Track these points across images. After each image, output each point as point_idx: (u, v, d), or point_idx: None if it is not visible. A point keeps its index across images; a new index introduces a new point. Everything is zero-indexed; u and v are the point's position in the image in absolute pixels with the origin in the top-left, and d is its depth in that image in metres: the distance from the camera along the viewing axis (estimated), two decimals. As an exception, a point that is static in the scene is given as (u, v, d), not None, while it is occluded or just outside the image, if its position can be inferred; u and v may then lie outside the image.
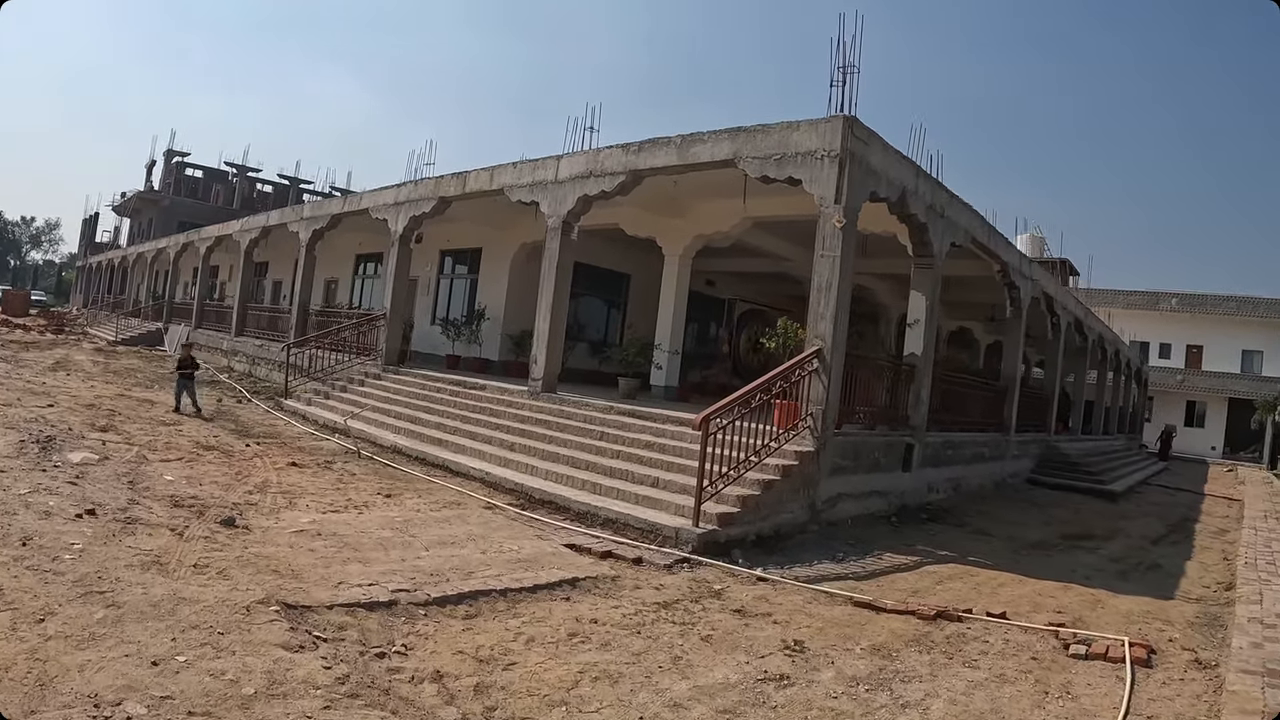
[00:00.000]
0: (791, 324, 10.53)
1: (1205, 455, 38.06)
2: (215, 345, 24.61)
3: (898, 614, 6.34)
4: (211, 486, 8.01)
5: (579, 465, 9.92)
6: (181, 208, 51.64)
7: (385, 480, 9.63)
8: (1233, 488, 24.39)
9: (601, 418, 11.36)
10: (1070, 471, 18.79)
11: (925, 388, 12.19)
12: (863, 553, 8.82)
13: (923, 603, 6.65)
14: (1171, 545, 12.18)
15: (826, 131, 9.81)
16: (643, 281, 21.39)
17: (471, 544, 6.99)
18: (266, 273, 31.19)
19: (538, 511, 8.83)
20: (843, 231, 9.63)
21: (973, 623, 6.29)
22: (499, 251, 19.31)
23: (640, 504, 8.60)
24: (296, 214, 21.63)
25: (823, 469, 9.66)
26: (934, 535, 10.63)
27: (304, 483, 8.79)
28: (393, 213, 16.66)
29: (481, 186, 14.56)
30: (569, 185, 12.80)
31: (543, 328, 13.17)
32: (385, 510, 7.96)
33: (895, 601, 6.63)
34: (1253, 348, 43.39)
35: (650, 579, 6.85)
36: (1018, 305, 16.51)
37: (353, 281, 25.47)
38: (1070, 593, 7.85)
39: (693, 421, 10.10)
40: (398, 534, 6.97)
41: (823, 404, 9.54)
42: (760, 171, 10.36)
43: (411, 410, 13.37)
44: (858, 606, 6.53)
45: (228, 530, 6.49)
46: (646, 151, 11.66)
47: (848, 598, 6.74)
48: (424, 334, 19.98)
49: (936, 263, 12.18)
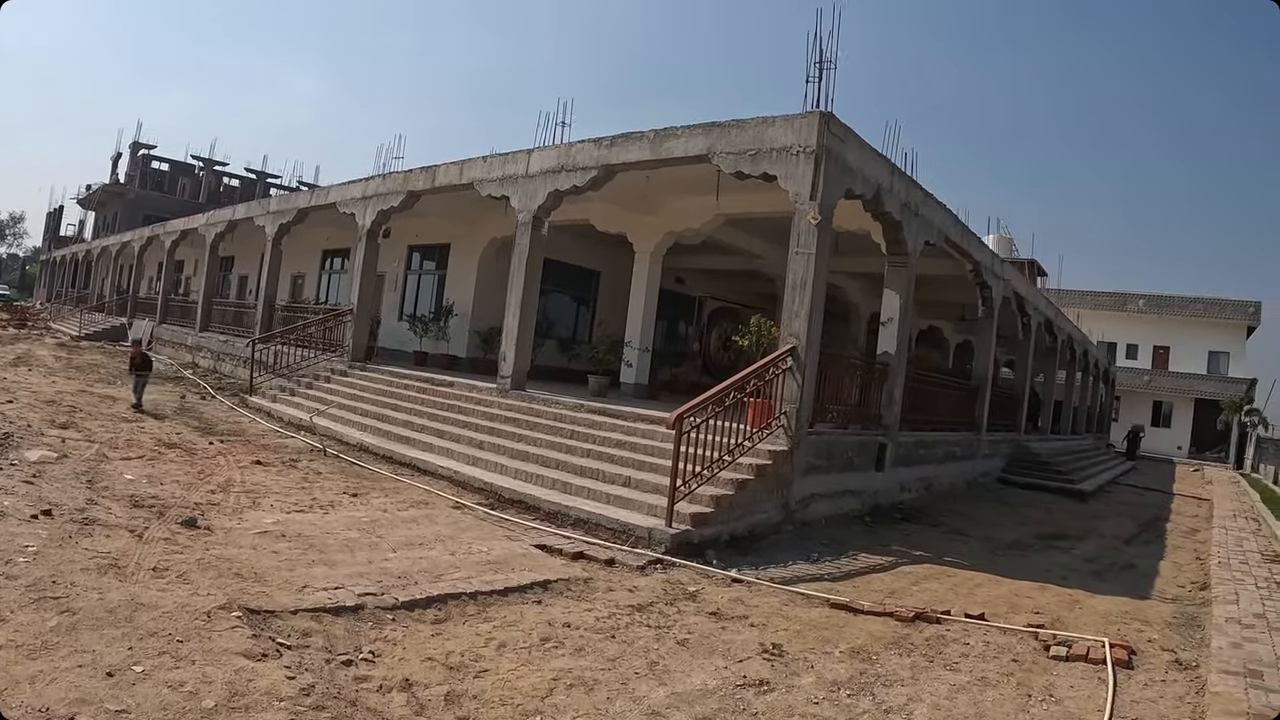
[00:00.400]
0: (765, 322, 10.41)
1: (1172, 455, 38.52)
2: (180, 341, 24.17)
3: (875, 615, 6.25)
4: (173, 486, 7.74)
5: (549, 464, 9.75)
6: (147, 201, 50.49)
7: (352, 479, 9.39)
8: (1201, 487, 24.69)
9: (572, 415, 11.18)
10: (1041, 471, 18.88)
11: (898, 387, 12.14)
12: (838, 553, 8.75)
13: (900, 604, 6.58)
14: (1144, 545, 12.25)
15: (802, 127, 9.70)
16: (612, 278, 21.22)
17: (440, 545, 6.79)
18: (232, 267, 30.68)
19: (507, 511, 8.64)
20: (818, 228, 9.53)
21: (952, 624, 6.22)
22: (467, 247, 19.07)
23: (612, 504, 8.44)
24: (263, 208, 21.23)
25: (796, 468, 9.55)
26: (909, 535, 10.58)
27: (268, 482, 8.53)
28: (360, 207, 16.36)
29: (451, 180, 14.32)
30: (540, 180, 12.60)
31: (512, 324, 12.97)
32: (351, 510, 7.73)
33: (872, 603, 6.54)
34: (1219, 349, 44.08)
35: (623, 581, 6.70)
36: (989, 305, 16.54)
37: (319, 277, 25.07)
38: (1047, 593, 7.81)
39: (665, 420, 10.00)
40: (364, 535, 6.76)
41: (797, 403, 9.44)
42: (734, 167, 10.23)
43: (378, 407, 13.11)
44: (835, 608, 6.43)
45: (189, 531, 6.24)
46: (619, 146, 11.50)
47: (824, 599, 6.64)
48: (391, 330, 19.68)
49: (910, 261, 12.13)
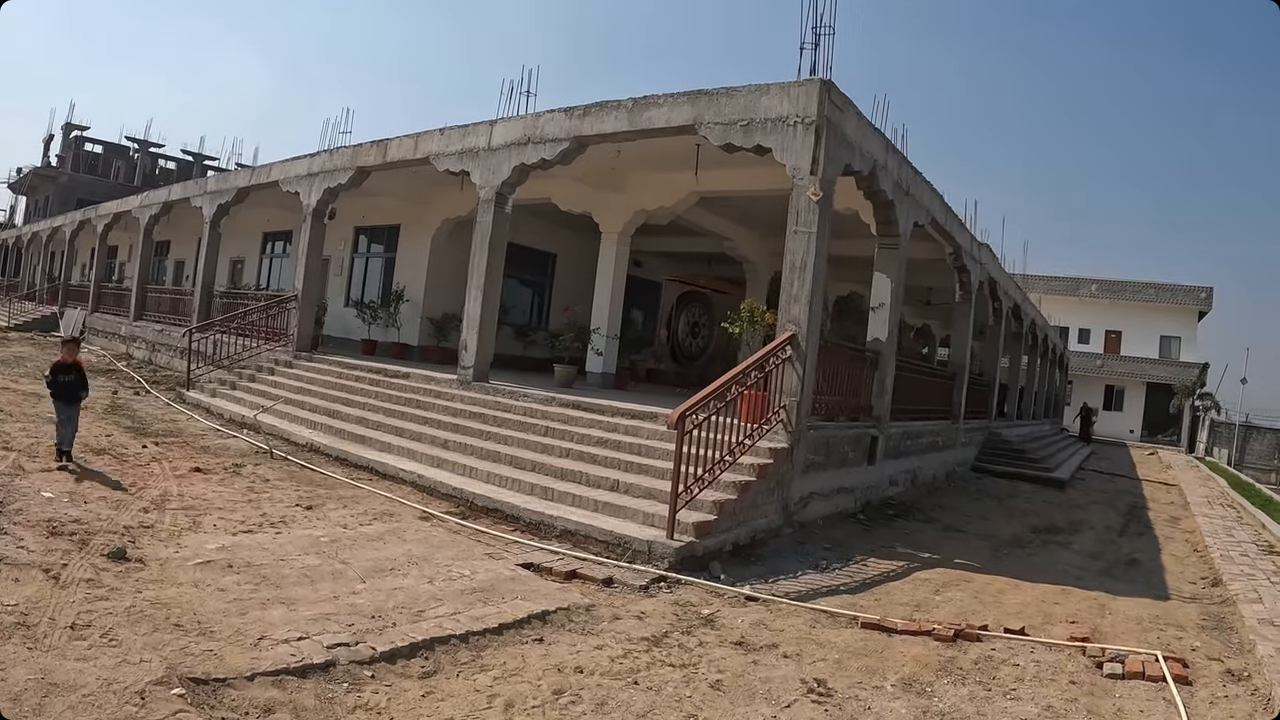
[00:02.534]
0: (758, 307, 9.60)
1: (1124, 438, 39.00)
2: (113, 330, 22.75)
3: (912, 635, 5.69)
4: (99, 504, 6.60)
5: (524, 466, 8.81)
6: (80, 184, 48.45)
7: (304, 487, 8.34)
8: (1162, 472, 24.75)
9: (543, 410, 10.26)
10: (1015, 459, 18.52)
11: (889, 376, 11.46)
12: (844, 559, 8.13)
13: (932, 620, 6.03)
14: (1136, 536, 12.11)
15: (800, 96, 8.90)
16: (570, 261, 20.31)
17: (414, 569, 5.84)
18: (168, 252, 29.03)
19: (481, 521, 7.71)
20: (818, 205, 8.76)
21: (993, 641, 5.71)
22: (419, 228, 17.90)
23: (601, 511, 7.56)
24: (200, 188, 19.73)
25: (796, 467, 8.80)
26: (908, 534, 10.05)
27: (210, 494, 7.45)
28: (305, 185, 15.11)
29: (405, 155, 13.20)
30: (504, 153, 11.60)
31: (474, 310, 11.96)
32: (307, 527, 6.71)
33: (904, 620, 5.96)
34: (1171, 333, 44.67)
35: (628, 605, 5.86)
36: (967, 290, 16.02)
37: (260, 261, 23.58)
38: (1072, 597, 7.38)
39: (653, 416, 9.20)
40: (325, 560, 5.76)
41: (797, 395, 8.67)
42: (724, 139, 9.39)
43: (329, 403, 12.01)
44: (867, 629, 5.78)
45: (117, 566, 5.15)
46: (593, 116, 10.55)
47: (852, 618, 5.99)
48: (337, 317, 18.45)
49: (902, 243, 11.44)
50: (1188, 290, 45.25)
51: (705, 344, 23.18)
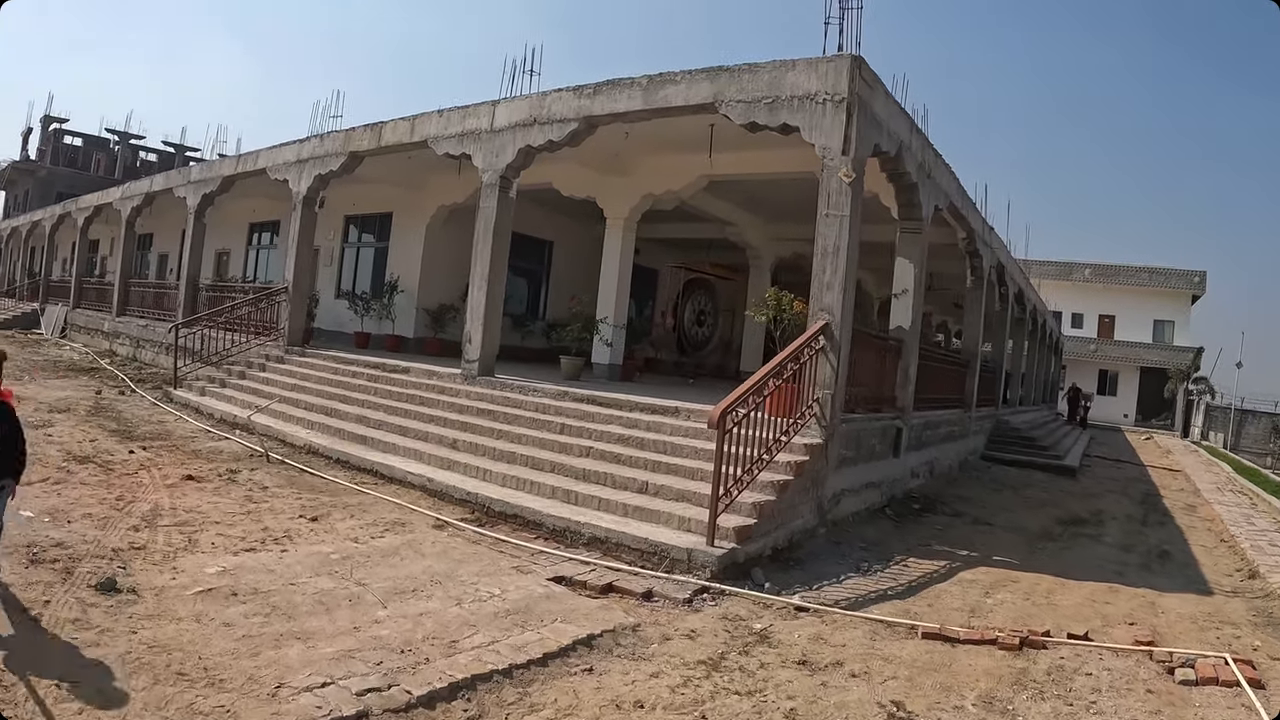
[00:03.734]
0: (785, 294, 9.10)
1: (1118, 423, 38.83)
2: (95, 327, 22.06)
3: (975, 644, 5.36)
4: (84, 523, 5.98)
5: (541, 467, 8.27)
6: (60, 178, 47.17)
7: (306, 494, 7.76)
8: (1164, 457, 24.55)
9: (556, 406, 9.71)
10: (1024, 447, 18.15)
11: (913, 365, 11.00)
12: (884, 559, 7.73)
13: (991, 626, 5.73)
14: (1159, 526, 11.80)
15: (829, 72, 8.39)
16: (567, 249, 19.77)
17: (438, 589, 5.30)
18: (151, 245, 28.19)
19: (500, 529, 7.18)
20: (851, 188, 8.26)
21: (1059, 648, 5.41)
22: (412, 216, 17.25)
23: (631, 516, 7.04)
24: (183, 177, 18.96)
25: (830, 463, 8.32)
26: (939, 530, 9.64)
27: (205, 505, 6.85)
28: (295, 172, 14.44)
29: (400, 139, 12.56)
30: (508, 134, 11.00)
31: (478, 301, 11.37)
32: (315, 542, 6.13)
33: (964, 628, 5.63)
34: (1164, 317, 44.58)
35: (675, 622, 5.38)
36: (979, 275, 15.59)
37: (246, 253, 22.83)
38: (1120, 596, 7.14)
39: (689, 412, 8.66)
40: (340, 582, 5.20)
41: (831, 388, 8.18)
42: (747, 117, 8.85)
43: (325, 400, 11.41)
44: (928, 639, 5.41)
45: (107, 600, 4.51)
46: (605, 94, 9.98)
47: (910, 627, 5.62)
48: (328, 309, 17.80)
49: (924, 227, 10.99)
50: (1181, 274, 45.17)
51: (711, 333, 22.65)
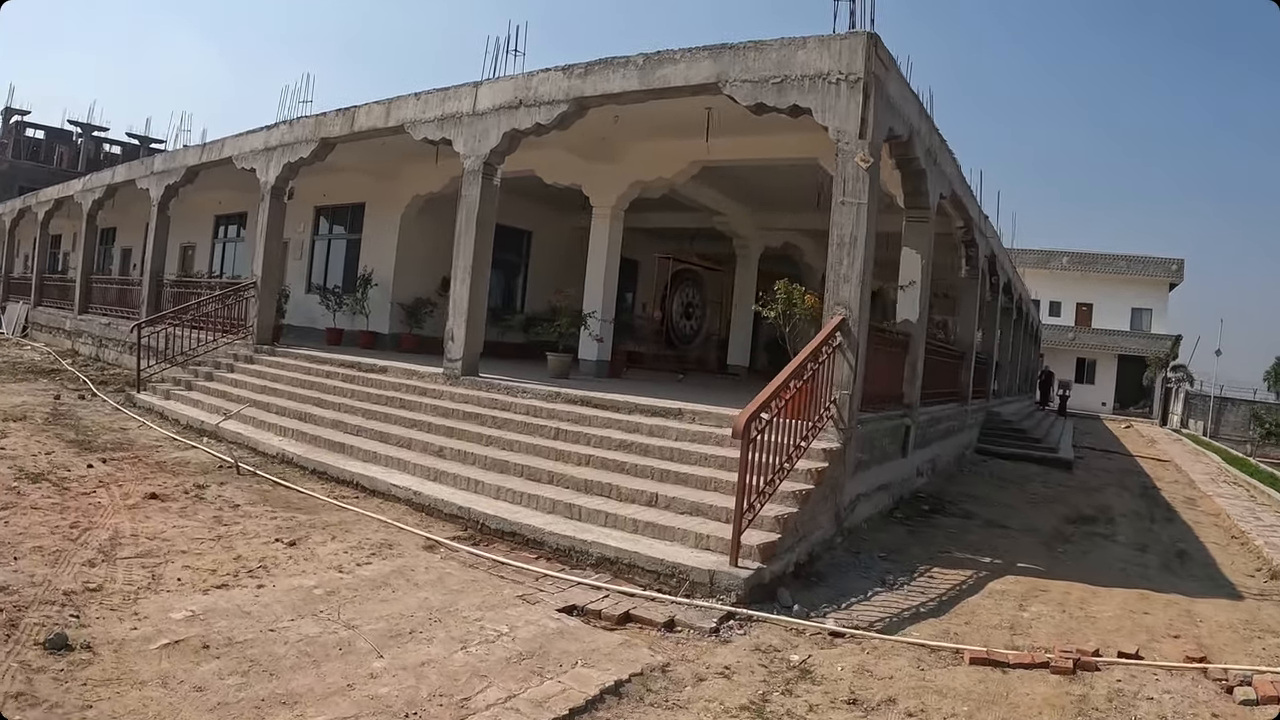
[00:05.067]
0: (796, 287, 8.55)
1: (1096, 411, 38.85)
2: (57, 325, 21.11)
3: (1027, 669, 5.00)
4: (33, 558, 5.24)
5: (538, 478, 7.63)
6: (21, 172, 45.51)
7: (281, 512, 7.04)
8: (1150, 447, 24.43)
9: (549, 409, 9.08)
10: (1017, 440, 17.85)
11: (920, 360, 10.51)
12: (907, 570, 7.27)
13: (1037, 645, 5.43)
14: (1167, 523, 11.62)
15: (843, 51, 7.83)
16: (546, 240, 19.11)
17: (439, 629, 4.66)
18: (114, 240, 27.11)
19: (497, 548, 6.56)
20: (869, 173, 7.71)
21: (1112, 669, 5.09)
22: (386, 206, 16.47)
23: (642, 533, 6.44)
24: (146, 168, 17.97)
25: (848, 468, 7.81)
26: (954, 534, 9.22)
27: (170, 530, 6.12)
28: (263, 160, 13.62)
29: (375, 124, 11.81)
30: (491, 118, 10.33)
31: (461, 296, 10.70)
32: (294, 573, 5.44)
33: (1010, 649, 5.28)
34: (1142, 305, 44.71)
35: (704, 657, 4.83)
36: (974, 265, 15.15)
37: (212, 247, 21.87)
38: (1153, 604, 6.82)
39: (714, 417, 8.07)
40: (326, 624, 4.53)
41: (849, 388, 7.64)
42: (754, 98, 8.27)
43: (298, 403, 10.69)
44: (977, 665, 5.01)
45: (58, 661, 3.78)
46: (597, 74, 9.34)
47: (954, 651, 5.21)
48: (298, 304, 17.01)
49: (931, 215, 10.50)
50: (1159, 262, 45.34)
51: (699, 326, 22.06)
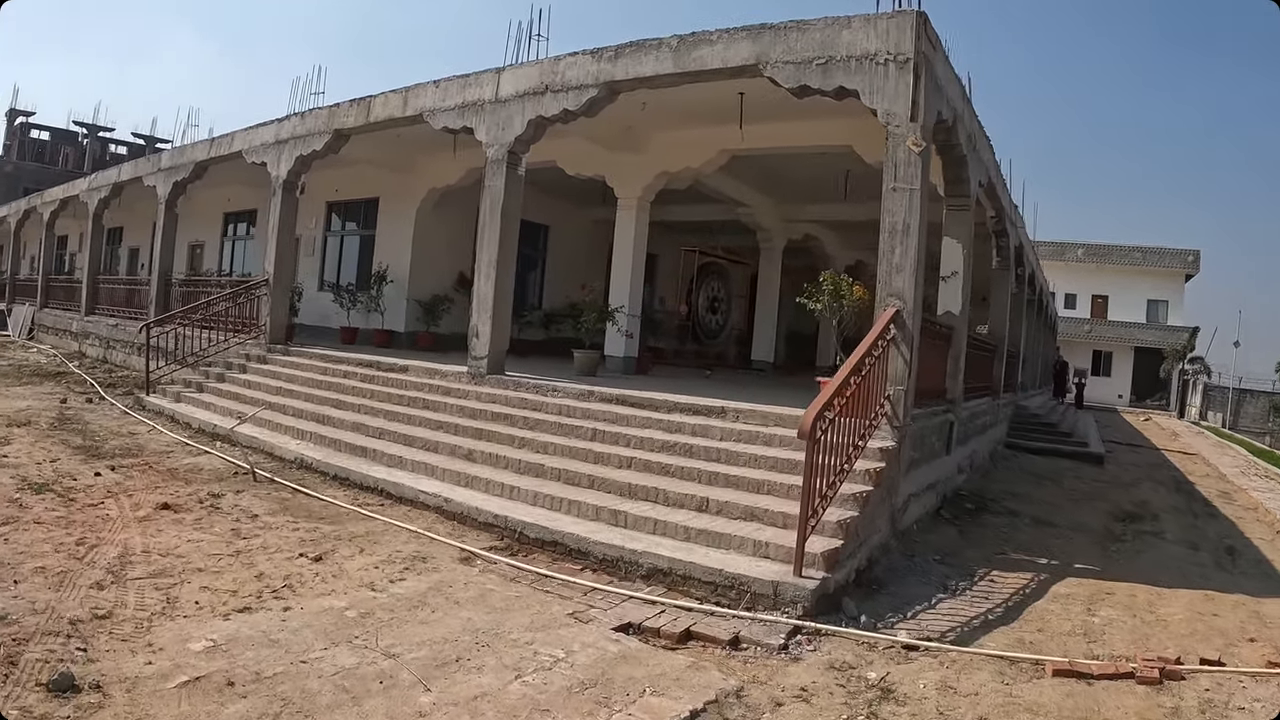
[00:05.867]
0: (843, 277, 8.15)
1: (1113, 403, 38.39)
2: (64, 327, 20.77)
3: (1111, 680, 4.74)
4: (36, 581, 4.78)
5: (577, 482, 7.24)
6: (27, 173, 45.63)
7: (303, 522, 6.63)
8: (1173, 440, 24.02)
9: (583, 408, 8.69)
10: (1045, 433, 17.43)
11: (963, 353, 10.13)
12: (966, 574, 6.94)
13: (1121, 655, 5.15)
14: (1210, 519, 11.34)
15: (890, 29, 7.46)
16: (564, 234, 18.73)
17: (488, 655, 4.25)
18: (121, 239, 26.66)
19: (537, 559, 6.16)
20: (921, 157, 7.33)
21: (1196, 677, 4.87)
22: (401, 200, 16.06)
23: (695, 541, 6.05)
24: (153, 165, 17.56)
25: (902, 467, 7.42)
26: (1005, 534, 8.86)
27: (185, 545, 5.70)
28: (274, 154, 13.22)
29: (391, 114, 11.40)
30: (515, 105, 9.92)
31: (485, 292, 10.29)
32: (323, 592, 5.02)
33: (1090, 658, 5.02)
34: (1158, 297, 44.24)
35: (777, 678, 4.47)
36: (1005, 256, 14.71)
37: (221, 244, 21.46)
38: (1219, 605, 6.60)
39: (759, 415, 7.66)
40: (363, 652, 4.12)
41: (904, 384, 7.27)
42: (796, 80, 7.87)
43: (315, 405, 10.30)
44: (1061, 677, 4.71)
45: (62, 706, 3.29)
46: (628, 58, 8.94)
47: (1034, 663, 4.91)
48: (311, 302, 16.60)
49: (971, 204, 10.11)
50: (1174, 253, 44.90)
51: (725, 321, 21.62)
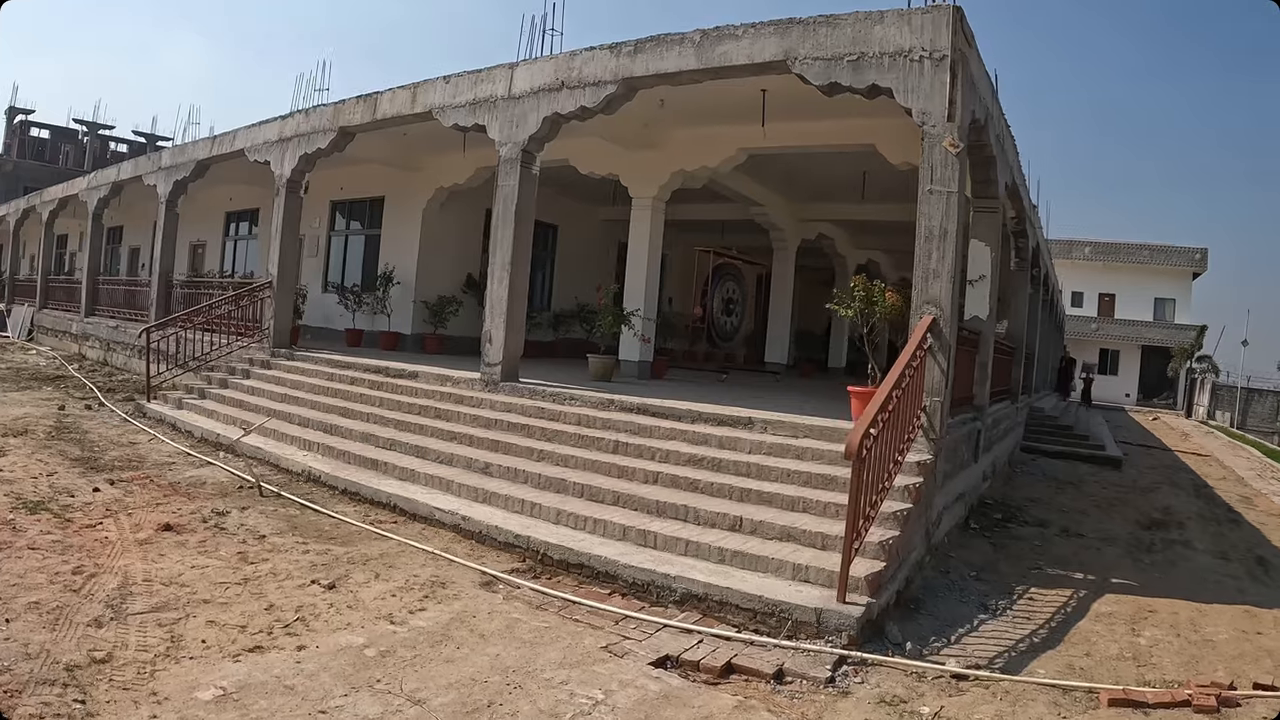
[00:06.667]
0: (875, 283, 7.86)
1: (1120, 402, 38.15)
2: (63, 328, 20.49)
3: (1167, 708, 4.52)
4: (30, 619, 4.34)
5: (601, 499, 6.92)
6: (26, 171, 45.18)
7: (313, 543, 6.30)
8: (1185, 440, 23.77)
9: (603, 418, 8.38)
10: (1061, 436, 17.20)
11: (990, 359, 9.88)
12: (1004, 592, 6.73)
13: (1175, 682, 4.94)
14: (1234, 525, 11.15)
15: (925, 25, 7.15)
16: (572, 234, 18.43)
17: (520, 699, 3.92)
18: (121, 239, 26.31)
19: (563, 583, 5.84)
20: (958, 159, 7.04)
21: (1252, 703, 4.66)
22: (407, 200, 15.74)
23: (730, 563, 5.76)
24: (154, 163, 17.24)
25: (938, 480, 7.15)
26: (1037, 546, 8.62)
27: (189, 572, 5.35)
28: (277, 152, 12.90)
29: (399, 110, 11.08)
30: (529, 101, 9.62)
31: (499, 295, 9.98)
32: (338, 626, 4.69)
33: (1146, 687, 4.78)
34: (1165, 295, 44.02)
35: (829, 717, 4.23)
36: (1024, 258, 14.50)
37: (223, 244, 21.13)
38: (1262, 622, 6.44)
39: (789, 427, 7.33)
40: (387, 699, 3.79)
41: (941, 395, 6.99)
42: (827, 77, 7.58)
43: (323, 414, 9.98)
44: (1116, 706, 4.49)
45: None
46: (649, 53, 8.63)
47: (1088, 691, 4.68)
48: (315, 303, 16.33)
49: (999, 205, 9.85)
50: (1182, 251, 44.67)
51: (739, 323, 21.35)
